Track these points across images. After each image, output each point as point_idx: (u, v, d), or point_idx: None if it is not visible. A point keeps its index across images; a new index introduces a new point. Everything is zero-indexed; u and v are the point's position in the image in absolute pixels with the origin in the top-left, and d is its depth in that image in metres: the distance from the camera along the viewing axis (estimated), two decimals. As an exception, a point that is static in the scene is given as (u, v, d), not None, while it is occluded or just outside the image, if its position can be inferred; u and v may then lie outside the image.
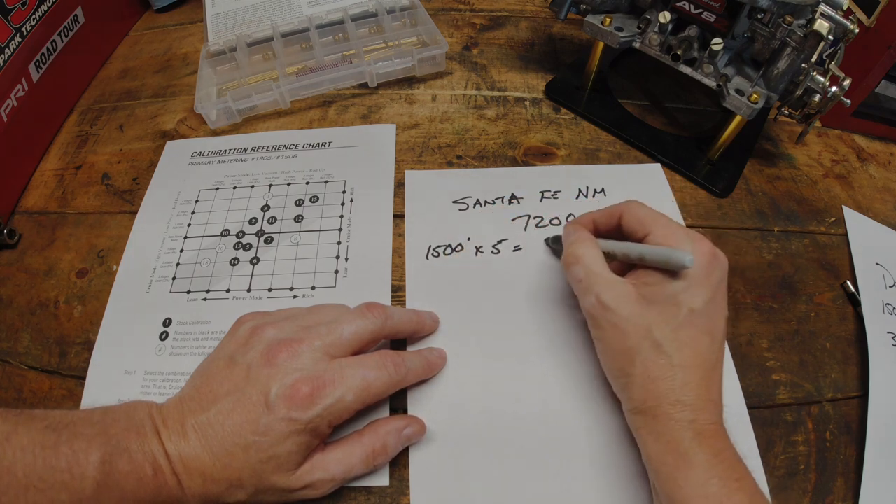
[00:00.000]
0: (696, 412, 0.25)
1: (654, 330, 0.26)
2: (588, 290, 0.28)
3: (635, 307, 0.27)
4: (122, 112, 0.50)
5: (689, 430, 0.25)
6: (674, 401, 0.25)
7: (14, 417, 0.24)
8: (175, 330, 0.36)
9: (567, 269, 0.30)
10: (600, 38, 0.42)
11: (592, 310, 0.28)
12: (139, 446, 0.24)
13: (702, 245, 0.28)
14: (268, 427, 0.25)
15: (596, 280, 0.28)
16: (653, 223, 0.29)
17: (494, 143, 0.46)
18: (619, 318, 0.27)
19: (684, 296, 0.27)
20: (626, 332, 0.27)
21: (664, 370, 0.26)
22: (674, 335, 0.26)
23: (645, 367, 0.26)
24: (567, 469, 0.30)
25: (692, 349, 0.26)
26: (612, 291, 0.28)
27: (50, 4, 0.46)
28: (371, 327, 0.29)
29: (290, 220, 0.41)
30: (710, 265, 0.27)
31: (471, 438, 0.31)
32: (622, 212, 0.31)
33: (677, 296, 0.27)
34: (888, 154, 0.47)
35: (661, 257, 0.27)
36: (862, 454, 0.31)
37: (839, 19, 0.33)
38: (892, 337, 0.35)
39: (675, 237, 0.28)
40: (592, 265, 0.29)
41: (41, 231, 0.42)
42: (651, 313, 0.27)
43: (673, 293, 0.27)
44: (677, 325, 0.26)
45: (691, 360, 0.26)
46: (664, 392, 0.25)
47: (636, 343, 0.26)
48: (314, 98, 0.49)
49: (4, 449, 0.23)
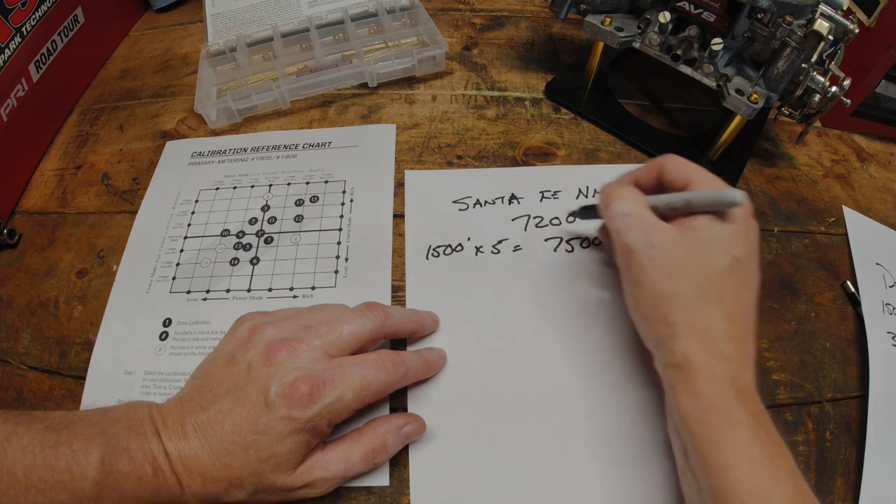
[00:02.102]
0: (737, 368, 0.24)
1: (700, 275, 0.25)
2: (634, 225, 0.27)
3: (682, 249, 0.26)
4: (122, 112, 0.50)
5: (731, 387, 0.24)
6: (718, 354, 0.24)
7: (14, 418, 0.24)
8: (175, 330, 0.36)
9: (609, 205, 0.29)
10: (600, 38, 0.42)
11: (636, 245, 0.27)
12: (139, 446, 0.25)
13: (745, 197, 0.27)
14: (267, 426, 0.25)
15: (644, 218, 0.27)
16: (694, 173, 0.29)
17: (494, 143, 0.46)
18: (665, 258, 0.26)
19: (728, 243, 0.26)
20: (671, 275, 0.26)
21: (710, 319, 0.25)
22: (720, 282, 0.25)
23: (690, 314, 0.25)
24: (568, 468, 0.30)
25: (735, 300, 0.25)
26: (659, 232, 0.27)
27: (50, 4, 0.46)
28: (371, 326, 0.29)
29: (290, 220, 0.41)
30: (748, 220, 0.27)
31: (471, 438, 0.31)
32: (661, 165, 0.30)
33: (722, 242, 0.26)
34: (888, 154, 0.47)
35: (711, 198, 0.26)
36: (862, 454, 0.31)
37: (839, 19, 0.33)
38: (892, 337, 0.35)
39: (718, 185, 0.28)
40: (639, 206, 0.28)
41: (41, 231, 0.42)
42: (697, 256, 0.26)
43: (718, 237, 0.26)
44: (722, 272, 0.25)
45: (735, 311, 0.25)
46: (709, 344, 0.24)
47: (681, 287, 0.25)
48: (314, 98, 0.49)
49: (4, 449, 0.23)
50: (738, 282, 0.26)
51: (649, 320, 0.27)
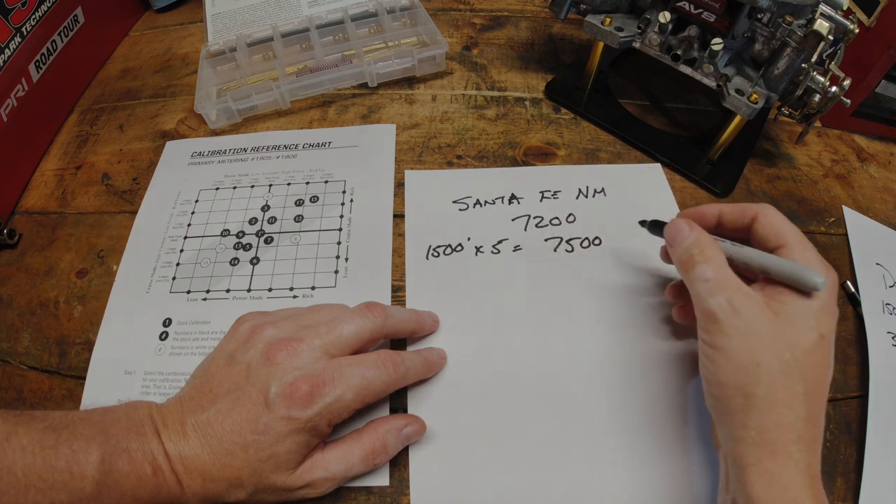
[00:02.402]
0: (811, 454, 0.23)
1: (787, 349, 0.24)
2: (717, 290, 0.25)
3: (771, 322, 0.24)
4: (122, 112, 0.50)
5: (805, 475, 0.23)
6: (796, 437, 0.23)
7: (14, 418, 0.24)
8: (175, 330, 0.36)
9: (690, 267, 0.27)
10: (600, 38, 0.42)
11: (720, 312, 0.25)
12: (139, 446, 0.25)
13: (832, 273, 0.26)
14: (267, 426, 0.25)
15: (729, 284, 0.25)
16: (789, 236, 0.26)
17: (494, 143, 0.46)
18: (750, 328, 0.24)
19: (816, 319, 0.24)
20: (755, 345, 0.24)
21: (791, 397, 0.23)
22: (805, 359, 0.24)
23: (772, 388, 0.23)
24: (568, 468, 0.30)
25: (817, 379, 0.24)
26: (747, 299, 0.25)
27: (50, 4, 0.46)
28: (371, 326, 0.29)
29: (290, 220, 0.41)
30: (834, 296, 0.25)
31: (471, 438, 0.31)
32: (757, 214, 0.28)
33: (812, 317, 0.24)
34: (888, 154, 0.47)
35: (793, 272, 0.25)
36: (862, 454, 0.31)
37: (839, 19, 0.33)
38: (892, 337, 0.35)
39: (811, 258, 0.26)
40: (723, 268, 0.26)
41: (41, 231, 0.42)
42: (786, 330, 0.24)
43: (806, 312, 0.24)
44: (810, 349, 0.24)
45: (814, 392, 0.24)
46: (787, 424, 0.23)
47: (766, 359, 0.24)
48: (314, 98, 0.49)
49: (4, 449, 0.23)
50: (821, 360, 0.24)
51: (727, 389, 0.25)
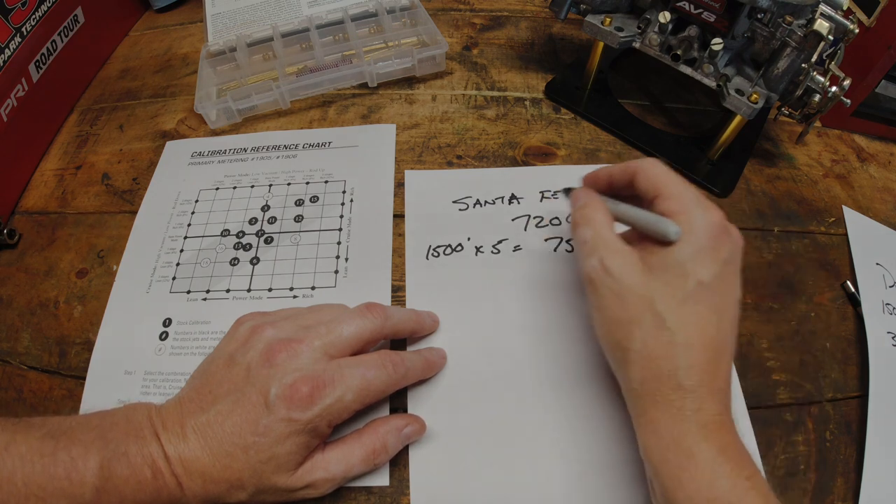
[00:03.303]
0: (700, 400, 0.23)
1: (658, 301, 0.24)
2: (592, 252, 0.27)
3: (639, 276, 0.25)
4: (122, 112, 0.50)
5: (692, 421, 0.23)
6: (675, 385, 0.23)
7: (12, 426, 0.24)
8: (175, 330, 0.36)
9: (574, 229, 0.29)
10: (600, 38, 0.42)
11: (594, 273, 0.26)
12: (138, 449, 0.24)
13: (712, 214, 0.26)
14: (267, 427, 0.25)
15: (602, 243, 0.27)
16: (664, 186, 0.27)
17: (494, 143, 0.46)
18: (620, 285, 0.25)
19: (691, 266, 0.25)
20: (626, 302, 0.25)
21: (666, 348, 0.24)
22: (679, 309, 0.24)
23: (644, 342, 0.24)
24: (568, 468, 0.30)
25: (698, 327, 0.24)
26: (618, 257, 0.26)
27: (50, 4, 0.46)
28: (371, 327, 0.29)
29: (290, 220, 0.41)
30: (719, 237, 0.25)
31: (471, 438, 0.31)
32: (636, 170, 0.29)
33: (683, 265, 0.25)
34: (888, 154, 0.47)
35: (648, 223, 0.26)
36: (862, 454, 0.31)
37: (839, 19, 0.33)
38: (892, 337, 0.35)
39: (683, 203, 0.26)
40: (601, 228, 0.27)
41: (41, 231, 0.42)
42: (655, 283, 0.25)
43: (679, 262, 0.25)
44: (683, 298, 0.24)
45: (697, 340, 0.24)
46: (665, 373, 0.23)
47: (637, 314, 0.25)
48: (314, 98, 0.49)
49: (3, 459, 0.22)
50: (702, 307, 0.24)
51: (608, 343, 0.27)
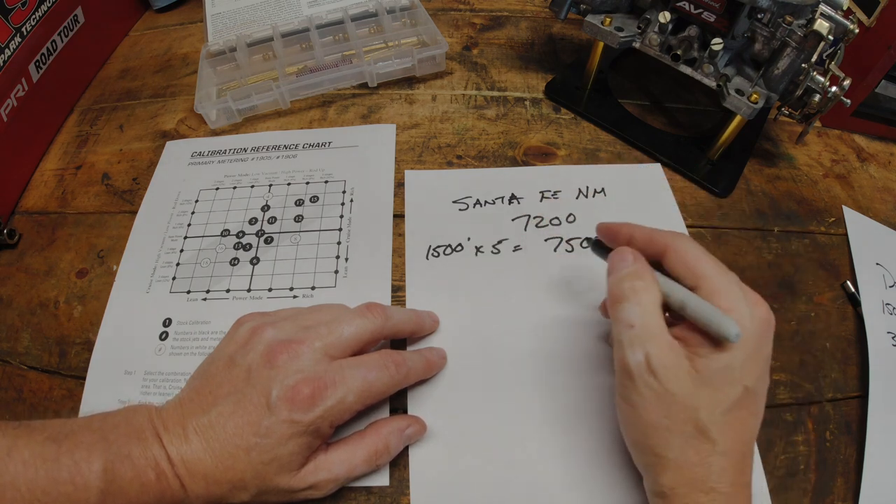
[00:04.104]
0: (728, 499, 0.23)
1: (702, 412, 0.23)
2: (637, 342, 0.24)
3: (686, 381, 0.23)
4: (122, 112, 0.50)
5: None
6: (707, 489, 0.22)
7: (13, 431, 0.24)
8: (175, 330, 0.36)
9: (616, 303, 0.25)
10: (600, 38, 0.42)
11: (636, 369, 0.23)
12: (141, 451, 0.24)
13: (759, 310, 0.24)
14: (269, 429, 0.25)
15: (651, 335, 0.23)
16: (706, 276, 0.24)
17: (494, 143, 0.46)
18: (665, 390, 0.23)
19: (740, 372, 0.23)
20: (668, 408, 0.23)
21: (703, 456, 0.23)
22: (722, 418, 0.23)
23: (683, 451, 0.23)
24: (568, 469, 0.30)
25: (737, 433, 0.23)
26: (666, 356, 0.23)
27: (50, 4, 0.46)
28: (371, 327, 0.29)
29: (290, 220, 0.41)
30: (765, 333, 0.24)
31: (471, 438, 0.31)
32: (667, 248, 0.26)
33: (733, 372, 0.23)
34: (888, 154, 0.47)
35: (707, 318, 0.23)
36: (862, 454, 0.31)
37: (839, 19, 0.33)
38: (892, 337, 0.35)
39: (731, 299, 0.23)
40: (651, 315, 0.24)
41: (41, 231, 0.42)
42: (703, 393, 0.23)
43: (729, 367, 0.23)
44: (728, 407, 0.23)
45: (734, 446, 0.23)
46: (699, 479, 0.23)
47: (678, 423, 0.23)
48: (314, 98, 0.49)
49: (6, 464, 0.22)
50: (745, 413, 0.23)
51: (638, 444, 0.25)
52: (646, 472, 0.25)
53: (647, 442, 0.24)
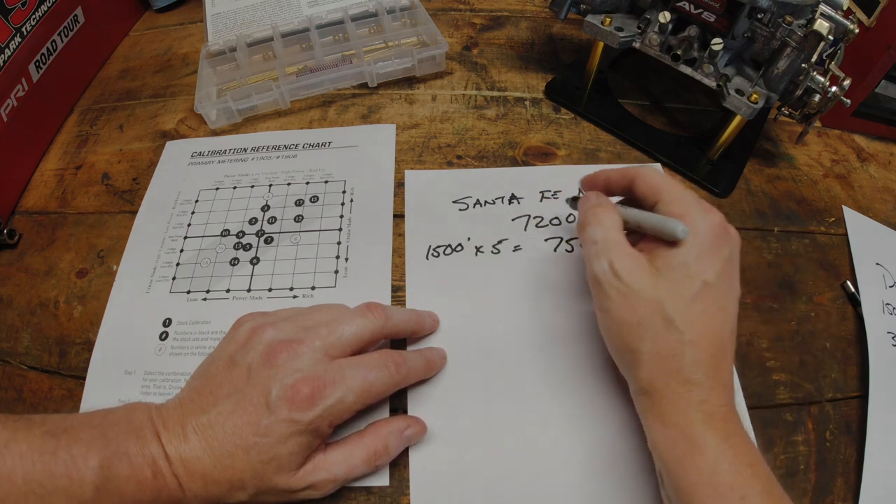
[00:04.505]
0: (706, 392, 0.24)
1: (666, 304, 0.25)
2: (602, 254, 0.27)
3: (648, 279, 0.26)
4: (122, 112, 0.50)
5: (698, 411, 0.24)
6: (683, 379, 0.24)
7: (13, 424, 0.24)
8: (175, 330, 0.36)
9: (583, 228, 0.29)
10: (600, 38, 0.42)
11: (603, 276, 0.27)
12: (138, 449, 0.24)
13: (712, 216, 0.27)
14: (269, 428, 0.25)
15: (612, 245, 0.27)
16: (664, 191, 0.28)
17: (494, 143, 0.46)
18: (629, 288, 0.26)
19: (696, 267, 0.25)
20: (635, 304, 0.25)
21: (674, 346, 0.25)
22: (686, 309, 0.25)
23: (655, 343, 0.25)
24: (568, 469, 0.30)
25: (704, 325, 0.25)
26: (627, 260, 0.26)
27: (50, 4, 0.46)
28: (371, 327, 0.29)
29: (290, 220, 0.41)
30: (720, 238, 0.26)
31: (471, 438, 0.31)
32: (635, 176, 0.30)
33: (689, 266, 0.25)
34: (888, 154, 0.47)
35: (656, 225, 0.26)
36: (862, 454, 0.31)
37: (839, 19, 0.33)
38: (892, 337, 0.35)
39: (684, 206, 0.27)
40: (611, 230, 0.28)
41: (41, 231, 0.42)
42: (663, 285, 0.25)
43: (684, 263, 0.25)
44: (690, 299, 0.25)
45: (703, 337, 0.25)
46: (673, 370, 0.24)
47: (646, 316, 0.25)
48: (314, 98, 0.49)
49: (3, 456, 0.22)
50: (708, 306, 0.25)
51: (616, 346, 0.27)
52: (627, 373, 0.28)
53: (622, 340, 0.26)
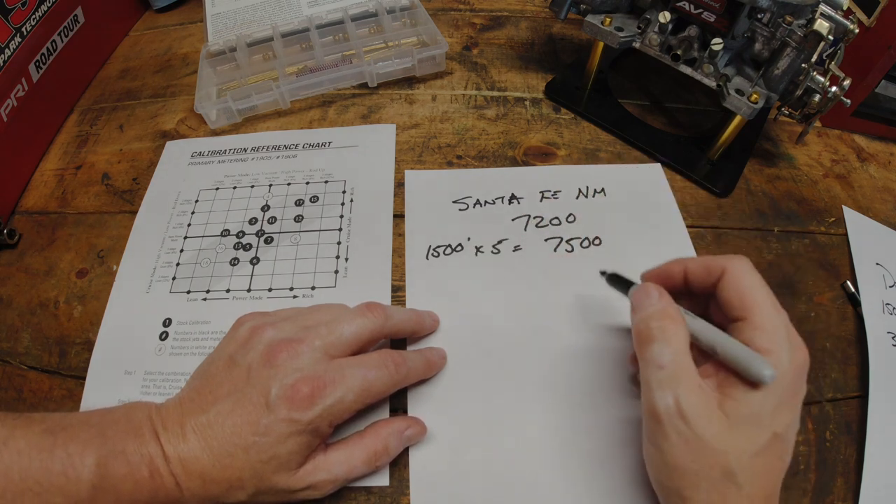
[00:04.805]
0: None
1: (731, 457, 0.22)
2: (667, 384, 0.23)
3: (718, 426, 0.22)
4: (122, 112, 0.50)
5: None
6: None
7: (12, 421, 0.24)
8: (175, 330, 0.36)
9: (645, 343, 0.25)
10: (600, 38, 0.42)
11: (665, 413, 0.23)
12: (136, 448, 0.24)
13: (798, 355, 0.24)
14: (268, 428, 0.25)
15: (681, 376, 0.23)
16: (756, 311, 0.24)
17: (494, 143, 0.46)
18: (695, 435, 0.22)
19: (770, 419, 0.23)
20: (697, 453, 0.23)
21: (730, 499, 0.23)
22: (750, 463, 0.22)
23: (709, 494, 0.23)
24: (568, 469, 0.30)
25: (764, 477, 0.23)
26: (696, 399, 0.23)
27: (50, 4, 0.46)
28: (371, 327, 0.29)
29: (290, 220, 0.41)
30: (800, 380, 0.24)
31: (471, 438, 0.31)
32: (724, 272, 0.25)
33: (763, 417, 0.23)
34: (888, 154, 0.47)
35: (739, 359, 0.23)
36: (862, 454, 0.31)
37: (839, 19, 0.33)
38: (892, 337, 0.35)
39: (774, 337, 0.23)
40: (681, 355, 0.24)
41: (41, 231, 0.42)
42: (731, 437, 0.22)
43: (758, 413, 0.23)
44: (756, 452, 0.22)
45: (760, 490, 0.23)
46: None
47: (706, 466, 0.22)
48: (314, 98, 0.49)
49: (1, 453, 0.23)
50: (773, 458, 0.23)
51: (664, 488, 0.25)
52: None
53: (674, 485, 0.24)
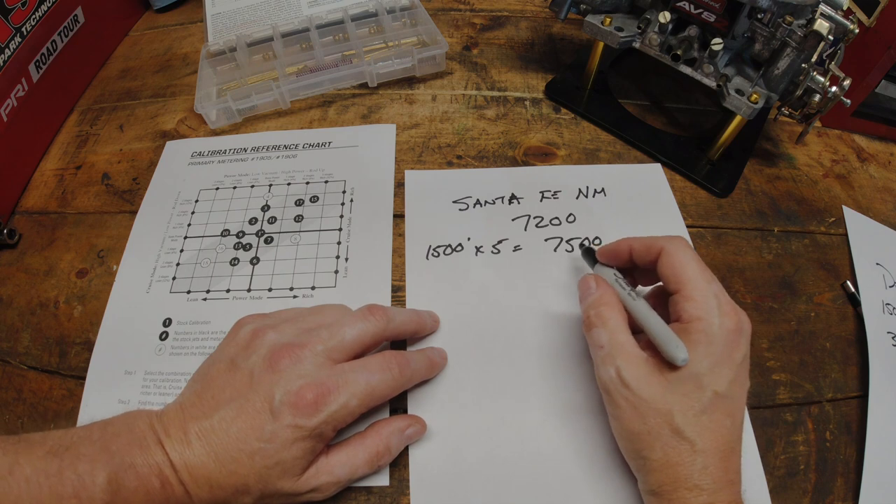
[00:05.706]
0: (712, 495, 0.24)
1: (676, 415, 0.25)
2: (608, 360, 0.26)
3: (657, 388, 0.25)
4: (122, 112, 0.50)
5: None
6: (691, 486, 0.24)
7: (13, 447, 0.23)
8: (175, 330, 0.36)
9: (588, 329, 0.28)
10: (600, 38, 0.42)
11: (610, 383, 0.26)
12: (144, 459, 0.24)
13: (728, 320, 0.25)
14: (273, 434, 0.25)
15: (619, 351, 0.26)
16: (688, 283, 0.26)
17: (494, 143, 0.46)
18: (638, 399, 0.25)
19: (708, 378, 0.25)
20: (644, 415, 0.25)
21: (684, 456, 0.24)
22: (696, 420, 0.25)
23: (664, 452, 0.25)
24: (568, 469, 0.30)
25: (714, 433, 0.25)
26: (634, 367, 0.26)
27: (50, 4, 0.46)
28: (373, 330, 0.29)
29: (290, 220, 0.41)
30: (735, 342, 0.25)
31: (471, 438, 0.31)
32: (662, 251, 0.28)
33: (701, 377, 0.25)
34: (888, 154, 0.47)
35: (660, 340, 0.25)
36: (862, 454, 0.31)
37: (839, 19, 0.33)
38: (892, 337, 0.35)
39: (703, 307, 0.25)
40: (617, 333, 0.27)
41: (41, 231, 0.42)
42: (673, 396, 0.25)
43: (696, 374, 0.25)
44: (700, 410, 0.25)
45: (712, 445, 0.25)
46: (682, 477, 0.24)
47: (655, 427, 0.25)
48: (314, 98, 0.49)
49: (9, 483, 0.22)
50: (718, 414, 0.25)
51: (626, 450, 0.27)
52: (637, 474, 0.27)
53: (633, 447, 0.26)
